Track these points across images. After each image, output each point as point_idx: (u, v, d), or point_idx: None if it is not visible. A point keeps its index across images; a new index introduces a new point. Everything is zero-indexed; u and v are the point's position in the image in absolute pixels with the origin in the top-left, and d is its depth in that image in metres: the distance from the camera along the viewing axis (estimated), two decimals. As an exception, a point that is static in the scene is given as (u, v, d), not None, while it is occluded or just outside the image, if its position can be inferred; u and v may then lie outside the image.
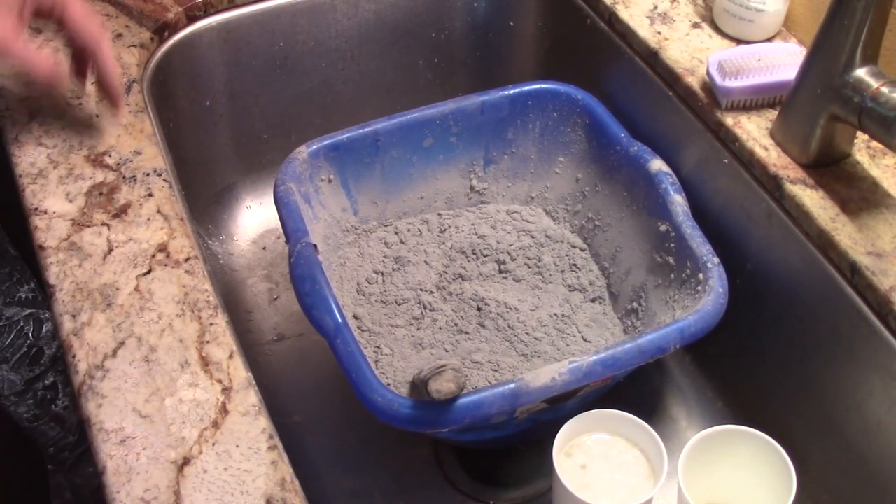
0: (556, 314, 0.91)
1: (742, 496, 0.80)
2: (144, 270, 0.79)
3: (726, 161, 0.87)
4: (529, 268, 0.95)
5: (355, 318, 0.90)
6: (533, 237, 0.98)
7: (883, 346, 0.74)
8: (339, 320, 0.77)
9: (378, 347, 0.88)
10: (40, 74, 0.81)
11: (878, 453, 0.77)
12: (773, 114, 0.87)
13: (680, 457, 0.76)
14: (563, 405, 0.77)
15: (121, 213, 0.83)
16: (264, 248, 1.11)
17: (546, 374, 0.72)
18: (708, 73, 0.88)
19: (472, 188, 1.02)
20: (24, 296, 1.11)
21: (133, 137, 0.87)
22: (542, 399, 0.73)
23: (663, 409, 0.93)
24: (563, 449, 0.78)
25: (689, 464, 0.76)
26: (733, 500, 0.80)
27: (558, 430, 0.77)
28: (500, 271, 0.95)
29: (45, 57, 0.81)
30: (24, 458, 1.19)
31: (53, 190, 0.83)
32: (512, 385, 0.72)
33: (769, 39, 0.94)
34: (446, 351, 0.89)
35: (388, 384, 0.84)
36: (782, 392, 0.86)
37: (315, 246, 0.84)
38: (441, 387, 0.70)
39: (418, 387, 0.72)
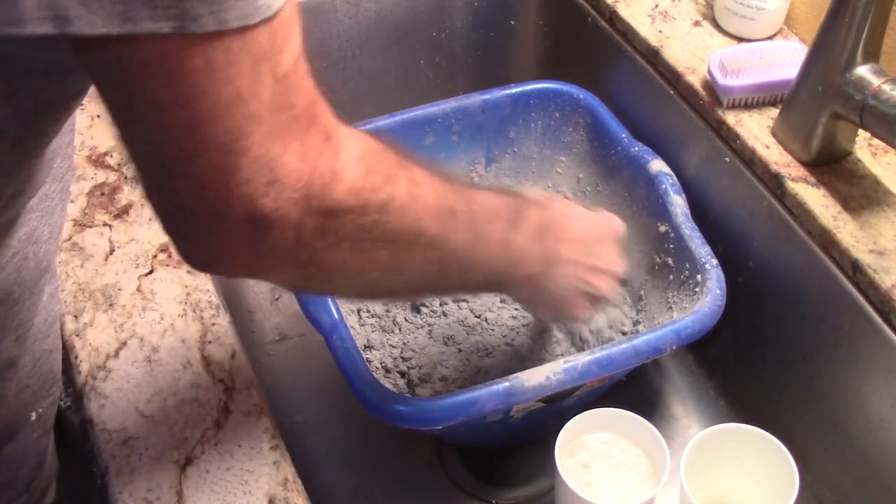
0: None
1: (745, 494, 0.79)
2: (146, 271, 0.79)
3: (728, 159, 0.87)
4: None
5: (358, 312, 0.90)
6: (534, 236, 0.97)
7: (885, 344, 0.74)
8: (336, 317, 0.77)
9: (380, 343, 0.89)
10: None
11: (880, 450, 0.77)
12: (774, 112, 0.87)
13: (682, 455, 0.75)
14: (559, 404, 0.77)
15: (122, 213, 0.83)
16: (266, 248, 1.11)
17: (541, 373, 0.72)
18: (709, 71, 0.88)
19: (473, 187, 1.02)
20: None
21: (134, 138, 0.87)
22: (536, 398, 0.73)
23: (665, 408, 0.93)
24: (566, 448, 0.78)
25: (692, 462, 0.76)
26: (736, 498, 0.80)
27: (560, 428, 0.77)
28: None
29: None
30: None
31: (55, 190, 0.83)
32: (506, 383, 0.71)
33: (770, 37, 0.94)
34: (446, 345, 0.89)
35: (384, 370, 0.85)
36: (784, 390, 0.86)
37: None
38: None
39: None
